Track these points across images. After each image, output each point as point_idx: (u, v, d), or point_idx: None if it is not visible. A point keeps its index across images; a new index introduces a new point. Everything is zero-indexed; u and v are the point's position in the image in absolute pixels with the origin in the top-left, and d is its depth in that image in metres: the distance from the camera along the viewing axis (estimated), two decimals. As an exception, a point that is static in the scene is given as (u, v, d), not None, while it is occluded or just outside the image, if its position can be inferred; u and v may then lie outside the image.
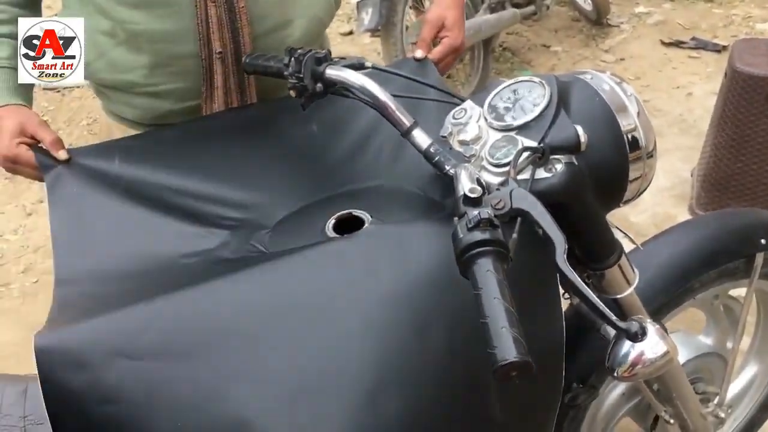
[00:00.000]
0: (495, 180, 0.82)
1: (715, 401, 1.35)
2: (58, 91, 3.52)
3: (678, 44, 3.67)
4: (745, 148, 2.18)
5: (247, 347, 0.75)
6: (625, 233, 1.04)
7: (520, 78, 0.92)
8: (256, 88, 1.15)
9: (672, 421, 1.24)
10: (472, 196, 0.69)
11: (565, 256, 0.70)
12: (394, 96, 0.93)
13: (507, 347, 0.58)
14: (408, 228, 0.87)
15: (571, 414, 1.16)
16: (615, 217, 1.03)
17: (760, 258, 1.22)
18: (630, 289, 0.97)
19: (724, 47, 3.53)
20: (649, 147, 0.92)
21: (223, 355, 0.75)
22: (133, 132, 1.18)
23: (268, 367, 0.74)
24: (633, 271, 0.98)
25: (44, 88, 3.37)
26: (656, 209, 2.52)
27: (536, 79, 0.90)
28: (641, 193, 0.96)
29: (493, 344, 0.59)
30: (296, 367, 0.75)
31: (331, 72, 0.96)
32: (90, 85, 1.20)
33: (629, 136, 0.89)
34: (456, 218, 0.69)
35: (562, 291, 0.93)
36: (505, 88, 0.91)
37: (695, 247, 1.20)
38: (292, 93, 0.99)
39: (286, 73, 0.98)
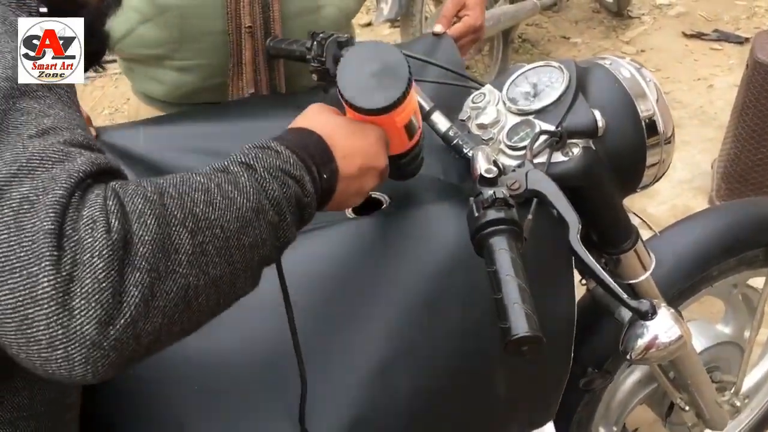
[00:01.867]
0: (512, 163, 0.83)
1: (732, 390, 1.35)
2: (86, 80, 3.57)
3: (699, 36, 3.63)
4: (765, 140, 2.16)
5: (263, 319, 0.76)
6: (642, 219, 1.05)
7: (540, 62, 0.92)
8: (285, 66, 1.16)
9: (687, 408, 1.24)
10: (488, 176, 0.70)
11: (579, 237, 0.71)
12: (414, 80, 0.94)
13: (519, 322, 0.60)
14: (425, 209, 0.88)
15: (586, 398, 1.16)
16: (633, 208, 1.03)
17: (779, 247, 1.22)
18: (646, 275, 0.98)
19: (747, 39, 3.48)
20: (668, 133, 0.92)
21: (236, 328, 0.76)
22: (160, 114, 1.20)
23: (280, 341, 0.76)
24: (649, 256, 0.99)
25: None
26: (676, 201, 2.50)
27: (555, 64, 0.90)
28: (658, 179, 0.96)
29: (505, 319, 0.61)
30: (314, 338, 0.77)
31: (352, 56, 0.97)
32: (119, 64, 1.23)
33: (647, 122, 0.90)
34: (472, 198, 0.70)
35: (579, 277, 0.94)
36: (524, 72, 0.92)
37: (714, 234, 1.20)
38: (314, 76, 1.00)
39: (308, 56, 0.99)
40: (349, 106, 0.73)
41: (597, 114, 0.85)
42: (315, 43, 0.98)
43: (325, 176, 0.66)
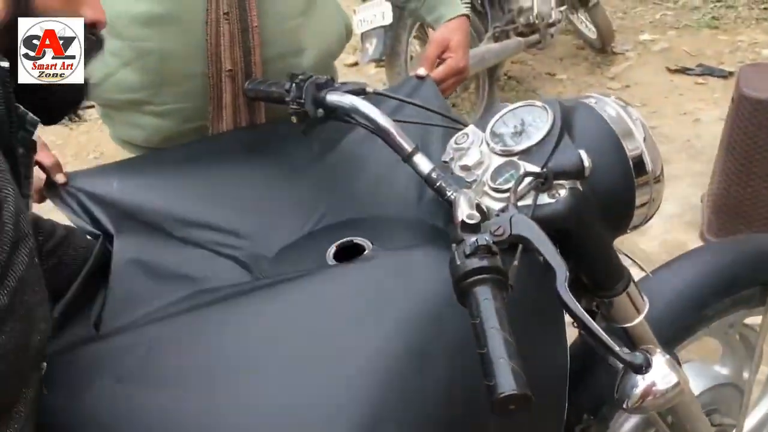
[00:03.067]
0: (497, 206, 0.80)
1: (732, 433, 1.31)
2: (66, 125, 3.55)
3: (684, 71, 3.67)
4: (754, 173, 2.16)
5: (237, 378, 0.72)
6: (634, 260, 1.02)
7: (523, 102, 0.90)
8: (265, 107, 1.14)
9: (687, 454, 1.19)
10: (470, 222, 0.67)
11: (567, 284, 0.68)
12: (396, 121, 0.92)
13: (505, 379, 0.56)
14: (409, 255, 0.85)
15: (582, 447, 1.12)
16: (624, 244, 1.01)
17: (775, 285, 1.19)
18: (639, 318, 0.94)
19: (731, 73, 3.52)
20: (656, 172, 0.90)
21: (209, 385, 0.72)
22: None
23: (260, 399, 0.72)
24: (642, 299, 0.95)
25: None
26: (666, 236, 2.48)
27: (539, 104, 0.88)
28: (649, 219, 0.94)
29: (491, 376, 0.57)
30: (292, 397, 0.73)
31: (332, 97, 0.95)
32: (97, 110, 1.20)
33: (635, 161, 0.87)
34: (454, 245, 0.67)
35: (570, 320, 0.91)
36: (507, 112, 0.90)
37: (708, 274, 1.16)
38: (294, 119, 0.98)
39: (287, 98, 0.97)
40: None
41: (583, 154, 0.82)
42: (293, 84, 0.96)
43: None
